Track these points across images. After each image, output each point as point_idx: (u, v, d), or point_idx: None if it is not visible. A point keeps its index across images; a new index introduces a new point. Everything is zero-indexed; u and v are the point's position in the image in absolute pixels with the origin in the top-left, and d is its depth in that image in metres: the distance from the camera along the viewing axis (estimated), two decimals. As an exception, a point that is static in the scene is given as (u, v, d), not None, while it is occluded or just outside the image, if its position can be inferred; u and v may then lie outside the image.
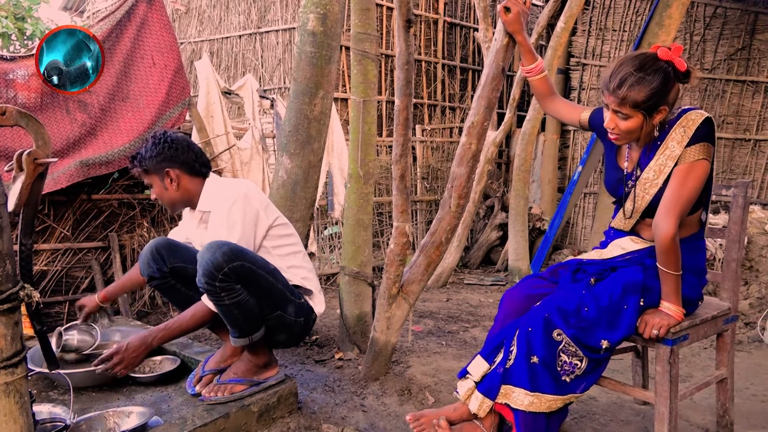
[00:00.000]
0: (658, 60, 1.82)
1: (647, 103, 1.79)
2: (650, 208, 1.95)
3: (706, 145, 1.86)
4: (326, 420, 2.36)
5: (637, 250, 2.03)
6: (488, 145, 5.07)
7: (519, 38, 2.19)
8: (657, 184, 1.91)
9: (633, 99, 1.79)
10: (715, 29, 6.26)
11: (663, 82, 1.79)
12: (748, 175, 6.34)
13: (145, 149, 2.32)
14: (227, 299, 2.05)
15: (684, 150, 1.85)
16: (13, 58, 3.30)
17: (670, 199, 1.84)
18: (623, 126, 1.85)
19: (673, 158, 1.87)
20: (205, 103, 4.34)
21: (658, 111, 1.83)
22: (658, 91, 1.79)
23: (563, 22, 4.89)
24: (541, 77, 2.22)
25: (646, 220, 2.00)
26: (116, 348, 2.19)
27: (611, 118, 1.87)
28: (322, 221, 5.41)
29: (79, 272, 3.74)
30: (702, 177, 1.86)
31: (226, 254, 2.01)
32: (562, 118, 2.29)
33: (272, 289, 2.18)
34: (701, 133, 1.86)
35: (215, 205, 2.28)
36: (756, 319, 3.86)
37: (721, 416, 2.29)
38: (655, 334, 1.87)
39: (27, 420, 1.39)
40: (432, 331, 3.79)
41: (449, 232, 2.54)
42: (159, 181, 2.33)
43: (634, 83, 1.78)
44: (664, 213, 1.83)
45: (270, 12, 6.43)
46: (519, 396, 1.89)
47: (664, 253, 1.85)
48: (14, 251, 1.41)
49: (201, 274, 2.03)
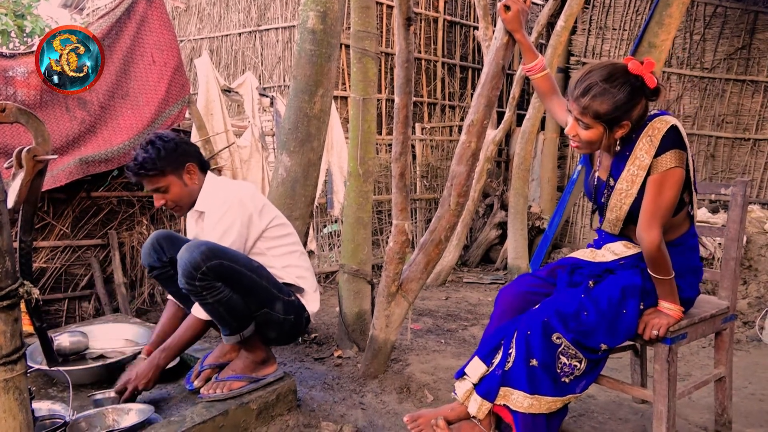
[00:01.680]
0: (628, 73, 1.78)
1: (609, 116, 1.76)
2: (630, 216, 1.93)
3: (676, 152, 1.80)
4: (325, 417, 2.37)
5: (630, 255, 2.01)
6: (488, 143, 5.07)
7: (518, 36, 2.18)
8: (632, 194, 1.89)
9: (595, 110, 1.76)
10: (715, 28, 6.26)
11: (629, 97, 1.75)
12: (747, 174, 6.34)
13: (152, 152, 2.21)
14: (210, 298, 2.07)
15: (654, 160, 1.81)
16: (13, 55, 3.29)
17: (649, 210, 1.82)
18: (583, 135, 1.83)
19: (644, 168, 1.83)
20: (205, 101, 4.33)
21: (620, 126, 1.79)
22: (622, 106, 1.75)
23: (563, 20, 4.89)
24: (542, 75, 2.19)
25: (630, 226, 1.97)
26: (126, 378, 2.20)
27: (572, 125, 1.85)
28: (322, 219, 5.41)
29: (79, 269, 3.74)
30: (677, 184, 1.82)
31: (204, 253, 2.03)
32: (560, 119, 2.27)
33: (256, 287, 2.19)
34: (668, 141, 1.81)
35: (210, 208, 2.29)
36: (754, 319, 3.87)
37: (720, 415, 2.29)
38: (655, 335, 1.87)
39: (26, 417, 1.39)
40: (431, 329, 3.79)
41: (448, 230, 2.54)
42: (178, 179, 2.28)
43: (598, 94, 1.75)
44: (646, 224, 1.82)
45: (270, 10, 6.42)
46: (518, 398, 1.89)
47: (652, 262, 1.86)
48: (14, 248, 1.41)
49: (181, 275, 2.05)
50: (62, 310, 3.66)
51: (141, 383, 2.16)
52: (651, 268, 1.87)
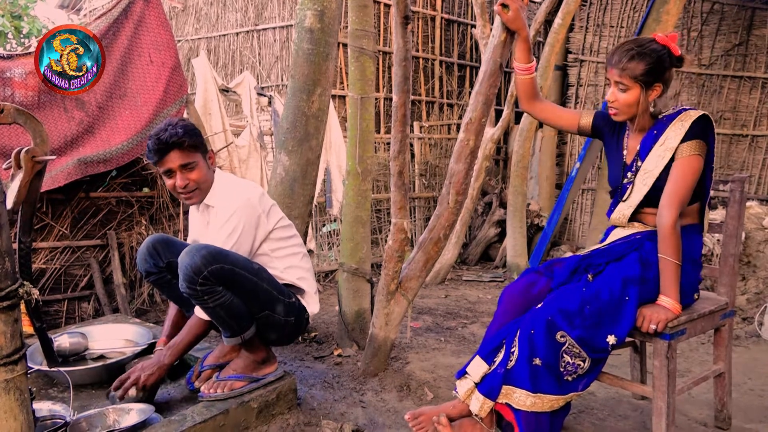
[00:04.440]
0: (656, 42, 2.00)
1: (645, 76, 1.97)
2: (647, 197, 2.04)
3: (699, 142, 1.97)
4: (325, 416, 2.37)
5: (636, 232, 2.09)
6: (486, 141, 5.07)
7: (524, 35, 2.19)
8: (654, 174, 2.02)
9: (632, 70, 1.96)
10: (713, 25, 6.26)
11: (659, 59, 1.97)
12: (745, 170, 6.34)
13: (183, 128, 2.19)
14: (211, 302, 2.06)
15: (679, 145, 1.97)
16: (11, 56, 3.29)
17: (671, 191, 1.96)
18: (622, 99, 2.01)
19: (671, 149, 1.99)
20: (203, 101, 4.33)
21: (653, 87, 1.99)
22: (655, 67, 1.97)
23: (561, 18, 4.89)
24: (532, 77, 2.27)
25: (644, 209, 2.07)
26: (130, 371, 2.20)
27: (612, 91, 2.03)
28: (321, 218, 5.41)
29: (78, 270, 3.74)
30: (696, 172, 1.97)
31: (205, 257, 2.01)
32: (554, 122, 2.32)
33: (257, 290, 2.18)
34: (697, 128, 1.97)
35: (219, 204, 2.28)
36: (753, 314, 3.87)
37: (719, 411, 2.30)
38: (653, 329, 1.88)
39: (27, 417, 1.40)
40: (431, 327, 3.80)
41: (447, 228, 2.54)
42: (203, 159, 2.27)
43: (634, 56, 1.96)
44: (668, 204, 1.94)
45: (267, 9, 6.42)
46: (521, 397, 1.90)
47: (665, 239, 1.93)
48: (13, 249, 1.41)
49: (182, 279, 2.04)
50: (62, 310, 3.66)
51: (145, 377, 2.16)
52: (662, 247, 1.94)
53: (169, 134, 2.16)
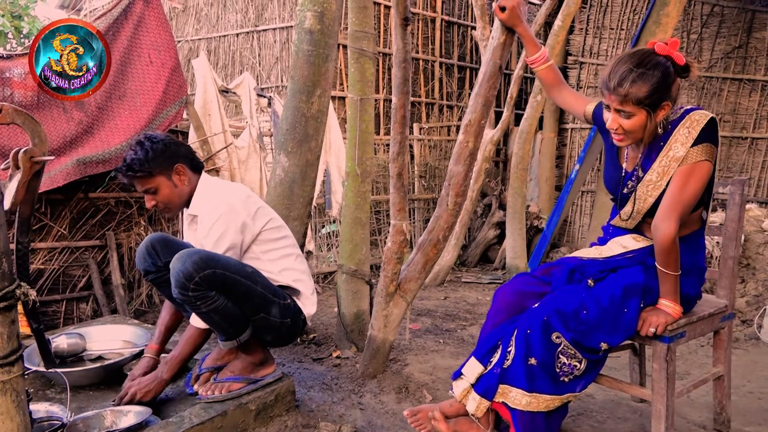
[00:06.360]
0: (656, 55, 1.80)
1: (650, 99, 1.76)
2: (652, 209, 1.92)
3: (708, 146, 1.82)
4: (324, 418, 2.36)
5: (639, 248, 2.00)
6: (486, 143, 5.07)
7: (520, 30, 2.16)
8: (660, 186, 1.88)
9: (635, 95, 1.75)
10: (713, 27, 6.27)
11: (663, 76, 1.76)
12: (744, 173, 6.35)
13: (140, 153, 2.21)
14: (204, 307, 2.05)
15: (687, 151, 1.82)
16: (10, 56, 3.29)
17: (671, 200, 1.82)
18: (627, 125, 1.81)
19: (677, 159, 1.83)
20: (203, 102, 4.32)
21: (661, 107, 1.79)
22: (660, 86, 1.76)
23: (560, 20, 4.89)
24: (546, 66, 2.19)
25: (647, 219, 1.97)
26: (128, 386, 2.19)
27: (613, 118, 1.83)
28: (320, 220, 5.41)
29: (77, 271, 3.74)
30: (704, 178, 1.83)
31: (196, 263, 2.00)
32: (570, 108, 2.24)
33: (251, 293, 2.17)
34: (706, 134, 1.82)
35: (203, 212, 2.26)
36: (753, 317, 3.87)
37: (718, 413, 2.30)
38: (653, 332, 1.87)
39: (24, 418, 1.39)
40: (429, 329, 3.79)
41: (447, 230, 2.54)
42: (167, 180, 2.26)
43: (636, 79, 1.74)
44: (665, 214, 1.81)
45: (267, 10, 6.42)
46: (516, 396, 1.89)
47: (663, 254, 1.83)
48: (11, 249, 1.40)
49: (174, 285, 2.03)
50: (60, 311, 3.65)
51: (142, 394, 2.15)
52: (660, 261, 1.85)
53: (122, 165, 2.23)
